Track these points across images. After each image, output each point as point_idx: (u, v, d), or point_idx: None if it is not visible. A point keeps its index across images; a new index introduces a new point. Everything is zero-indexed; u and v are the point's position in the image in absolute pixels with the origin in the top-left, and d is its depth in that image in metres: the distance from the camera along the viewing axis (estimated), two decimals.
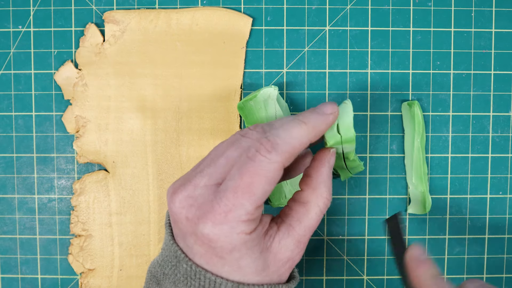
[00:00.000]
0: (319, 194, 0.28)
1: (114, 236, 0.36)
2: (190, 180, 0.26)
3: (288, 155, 0.25)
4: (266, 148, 0.25)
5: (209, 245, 0.24)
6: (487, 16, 0.36)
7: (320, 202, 0.28)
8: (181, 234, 0.26)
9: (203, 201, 0.25)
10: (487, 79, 0.36)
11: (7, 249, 0.37)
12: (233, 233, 0.24)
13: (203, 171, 0.26)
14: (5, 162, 0.36)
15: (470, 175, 0.36)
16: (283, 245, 0.26)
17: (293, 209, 0.27)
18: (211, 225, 0.24)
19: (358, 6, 0.36)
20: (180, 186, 0.26)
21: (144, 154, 0.36)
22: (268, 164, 0.24)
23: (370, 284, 0.37)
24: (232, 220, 0.24)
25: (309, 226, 0.27)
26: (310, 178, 0.28)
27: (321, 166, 0.28)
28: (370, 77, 0.36)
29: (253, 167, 0.24)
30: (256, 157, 0.24)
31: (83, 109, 0.36)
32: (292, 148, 0.25)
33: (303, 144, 0.26)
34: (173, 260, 0.26)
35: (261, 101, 0.32)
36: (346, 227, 0.37)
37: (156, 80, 0.36)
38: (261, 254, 0.25)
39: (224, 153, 0.26)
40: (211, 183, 0.25)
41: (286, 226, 0.27)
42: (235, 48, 0.36)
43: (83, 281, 0.36)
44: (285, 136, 0.25)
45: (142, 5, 0.36)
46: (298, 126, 0.26)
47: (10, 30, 0.36)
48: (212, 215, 0.24)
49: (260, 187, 0.24)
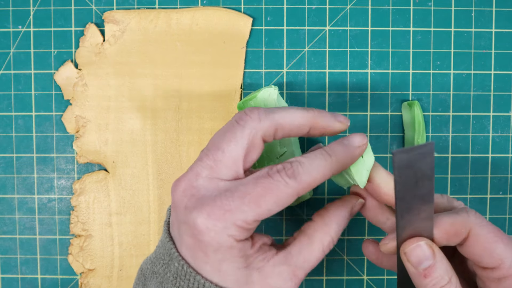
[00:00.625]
0: (327, 231, 0.27)
1: (114, 236, 0.36)
2: (192, 168, 0.26)
3: (307, 186, 0.25)
4: (287, 173, 0.24)
5: (197, 237, 0.24)
6: (487, 16, 0.36)
7: (325, 240, 0.27)
8: (176, 223, 0.26)
9: (205, 193, 0.25)
10: (487, 79, 0.36)
11: (7, 249, 0.37)
12: (223, 232, 0.24)
13: (203, 160, 0.25)
14: (5, 162, 0.36)
15: (470, 175, 0.36)
16: (277, 271, 0.26)
17: (296, 239, 0.27)
18: (205, 217, 0.24)
19: (358, 6, 0.36)
20: (183, 176, 0.26)
21: (144, 154, 0.36)
22: (284, 187, 0.24)
23: (370, 284, 0.37)
24: (228, 220, 0.24)
25: (309, 260, 0.26)
26: (326, 211, 0.28)
27: (343, 208, 0.28)
28: (370, 77, 0.36)
29: (269, 182, 0.24)
30: (276, 176, 0.24)
31: (83, 109, 0.36)
32: (313, 180, 0.25)
33: (325, 177, 0.25)
34: (165, 258, 0.26)
35: (261, 101, 0.32)
36: (346, 227, 0.37)
37: (156, 80, 0.36)
38: (246, 268, 0.25)
39: (220, 145, 0.25)
40: (214, 177, 0.25)
41: (285, 253, 0.26)
42: (235, 48, 0.36)
43: (83, 281, 0.36)
44: (308, 167, 0.25)
45: (142, 5, 0.36)
46: (323, 158, 0.25)
47: (10, 30, 0.36)
48: (211, 208, 0.24)
49: (268, 204, 0.24)
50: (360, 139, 0.27)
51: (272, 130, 0.26)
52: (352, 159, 0.27)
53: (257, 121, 0.25)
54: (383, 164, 0.36)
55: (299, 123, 0.26)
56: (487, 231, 0.25)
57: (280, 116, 0.26)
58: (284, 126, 0.26)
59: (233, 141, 0.25)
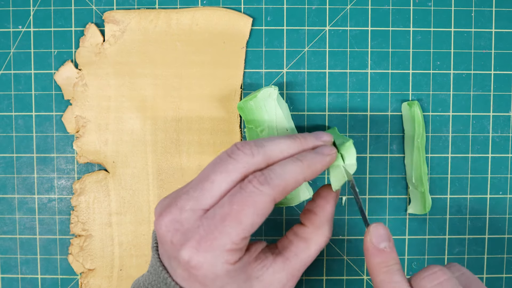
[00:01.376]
0: (321, 233, 0.28)
1: (114, 236, 0.36)
2: (176, 202, 0.25)
3: (281, 190, 0.25)
4: (258, 180, 0.24)
5: (191, 272, 0.24)
6: (487, 16, 0.36)
7: (321, 241, 0.28)
8: (166, 256, 0.26)
9: (188, 226, 0.24)
10: (487, 79, 0.36)
11: (7, 249, 0.37)
12: (217, 262, 0.24)
13: (189, 193, 0.25)
14: (5, 162, 0.36)
15: (470, 175, 0.36)
16: (277, 278, 0.26)
17: (293, 243, 0.27)
18: (194, 252, 0.24)
19: (358, 6, 0.36)
20: (167, 207, 0.25)
21: (144, 154, 0.36)
22: (259, 196, 0.24)
23: (370, 284, 0.37)
24: (217, 248, 0.23)
25: (306, 262, 0.27)
26: (314, 215, 0.28)
27: (326, 203, 0.28)
28: (370, 77, 0.36)
29: (243, 196, 0.24)
30: (248, 188, 0.24)
31: (83, 109, 0.36)
32: (285, 184, 0.25)
33: (297, 181, 0.26)
34: (162, 286, 0.26)
35: (261, 101, 0.32)
36: (346, 227, 0.37)
37: (156, 80, 0.36)
38: (245, 281, 0.25)
39: (210, 176, 0.25)
40: (198, 208, 0.25)
41: (283, 260, 0.27)
42: (235, 48, 0.36)
43: (83, 281, 0.36)
44: (279, 171, 0.25)
45: (142, 5, 0.36)
46: (293, 163, 0.26)
47: (10, 30, 0.36)
48: (197, 242, 0.24)
49: (249, 218, 0.24)
50: (329, 150, 0.28)
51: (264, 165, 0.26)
52: (322, 165, 0.27)
53: (250, 156, 0.25)
54: (383, 163, 0.36)
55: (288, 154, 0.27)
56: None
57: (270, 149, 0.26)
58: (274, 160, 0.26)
59: (224, 173, 0.25)
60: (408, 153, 0.36)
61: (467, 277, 0.26)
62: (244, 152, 0.25)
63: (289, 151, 0.27)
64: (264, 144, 0.26)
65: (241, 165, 0.25)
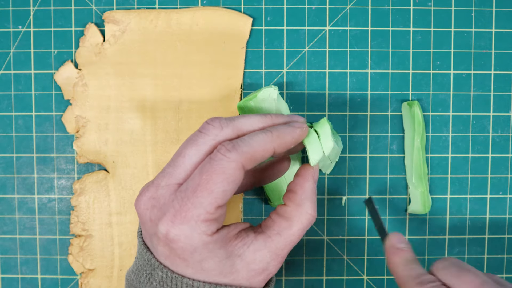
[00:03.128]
0: (303, 210, 0.27)
1: (114, 236, 0.36)
2: (153, 180, 0.26)
3: (249, 156, 0.25)
4: (226, 148, 0.25)
5: (170, 246, 0.24)
6: (487, 16, 0.36)
7: (304, 219, 0.27)
8: (148, 236, 0.26)
9: (164, 201, 0.25)
10: (487, 79, 0.36)
11: (7, 249, 0.37)
12: (193, 233, 0.24)
13: (164, 170, 0.26)
14: (5, 162, 0.36)
15: (470, 175, 0.36)
16: (258, 256, 0.26)
17: (275, 222, 0.27)
18: (170, 225, 0.24)
19: (358, 6, 0.36)
20: (145, 187, 0.26)
21: (144, 154, 0.36)
22: (227, 163, 0.24)
23: (370, 284, 0.37)
24: (191, 219, 0.24)
25: (290, 241, 0.27)
26: (294, 193, 0.28)
27: (305, 181, 0.28)
28: (370, 77, 0.36)
29: (211, 165, 0.24)
30: (216, 156, 0.24)
31: (83, 109, 0.36)
32: (253, 151, 0.25)
33: (266, 150, 0.26)
34: (147, 268, 0.26)
35: (261, 101, 0.32)
36: (346, 227, 0.37)
37: (156, 80, 0.36)
38: (228, 258, 0.25)
39: (182, 151, 0.26)
40: (172, 183, 0.25)
41: (265, 237, 0.27)
42: (235, 48, 0.36)
43: (83, 281, 0.36)
44: (248, 139, 0.25)
45: (142, 5, 0.36)
46: (263, 133, 0.26)
47: (10, 30, 0.36)
48: (172, 215, 0.24)
49: (219, 186, 0.24)
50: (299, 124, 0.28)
51: (234, 136, 0.26)
52: (292, 137, 0.27)
53: (219, 129, 0.26)
54: (383, 163, 0.36)
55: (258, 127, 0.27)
56: None
57: (239, 122, 0.26)
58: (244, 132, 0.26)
59: (194, 147, 0.26)
60: (408, 153, 0.36)
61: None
62: (213, 125, 0.26)
63: (259, 125, 0.27)
64: (234, 119, 0.27)
65: (210, 138, 0.26)
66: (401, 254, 0.28)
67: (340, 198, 0.36)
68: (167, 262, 0.25)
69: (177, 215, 0.24)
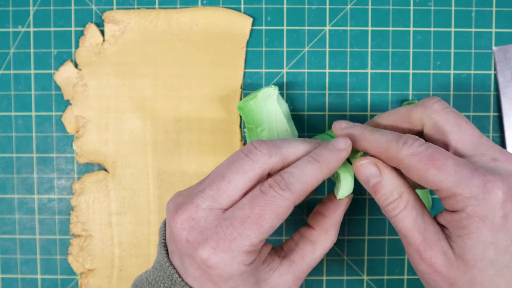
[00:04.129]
0: (328, 236, 0.28)
1: (114, 236, 0.36)
2: (192, 200, 0.25)
3: (302, 193, 0.25)
4: (279, 186, 0.24)
5: (206, 270, 0.24)
6: (487, 16, 0.36)
7: (327, 245, 0.28)
8: (178, 254, 0.26)
9: (205, 225, 0.24)
10: (487, 79, 0.36)
11: (7, 249, 0.37)
12: (233, 262, 0.24)
13: (205, 191, 0.25)
14: (5, 162, 0.36)
15: None
16: (282, 280, 0.26)
17: (299, 246, 0.27)
18: (212, 252, 0.24)
19: (358, 6, 0.36)
20: (182, 205, 0.25)
21: (144, 154, 0.36)
22: (280, 200, 0.24)
23: (370, 284, 0.37)
24: (235, 249, 0.24)
25: (311, 265, 0.27)
26: (324, 218, 0.28)
27: (337, 208, 0.28)
28: (370, 77, 0.36)
29: (264, 200, 0.24)
30: (269, 192, 0.24)
31: (83, 109, 0.36)
32: (305, 187, 0.25)
33: (316, 183, 0.25)
34: (167, 282, 0.26)
35: (261, 101, 0.32)
36: (346, 227, 0.37)
37: (156, 80, 0.36)
38: (255, 284, 0.25)
39: (226, 175, 0.25)
40: (215, 207, 0.25)
41: (289, 262, 0.27)
42: (235, 48, 0.36)
43: (83, 281, 0.36)
44: (299, 175, 0.25)
45: (142, 5, 0.36)
46: (311, 165, 0.25)
47: (9, 30, 0.36)
48: (215, 242, 0.24)
49: (269, 221, 0.24)
50: (343, 143, 0.27)
51: (280, 165, 0.26)
52: (338, 162, 0.26)
53: (268, 156, 0.25)
54: None
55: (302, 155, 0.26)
56: (417, 160, 0.24)
57: (286, 151, 0.26)
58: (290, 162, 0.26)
59: (241, 173, 0.25)
60: None
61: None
62: (262, 151, 0.25)
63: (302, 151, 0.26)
64: (280, 145, 0.26)
65: (258, 165, 0.25)
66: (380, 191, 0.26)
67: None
68: (195, 283, 0.25)
69: (220, 243, 0.24)
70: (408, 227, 0.25)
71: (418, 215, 0.25)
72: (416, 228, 0.25)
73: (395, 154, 0.25)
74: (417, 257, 0.25)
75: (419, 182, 0.25)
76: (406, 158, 0.25)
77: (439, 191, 0.24)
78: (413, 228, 0.25)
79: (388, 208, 0.26)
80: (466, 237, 0.23)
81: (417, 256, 0.25)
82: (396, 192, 0.26)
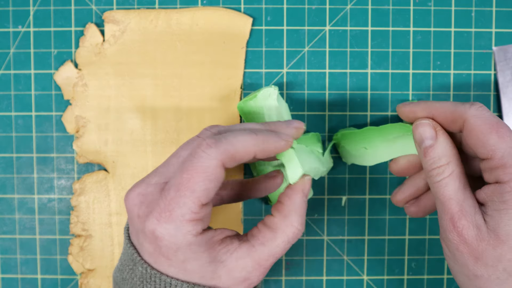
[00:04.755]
0: (289, 222, 0.27)
1: (114, 236, 0.36)
2: (145, 178, 0.26)
3: (230, 154, 0.25)
4: (207, 143, 0.24)
5: (156, 243, 0.24)
6: (487, 16, 0.36)
7: (289, 231, 0.27)
8: (134, 232, 0.26)
9: (152, 198, 0.25)
10: (487, 79, 0.36)
11: (7, 249, 0.37)
12: (178, 232, 0.24)
13: (157, 170, 0.26)
14: (5, 162, 0.36)
15: None
16: (240, 264, 0.26)
17: (261, 232, 0.27)
18: (156, 223, 0.24)
19: (358, 6, 0.36)
20: (135, 184, 0.26)
21: (144, 154, 0.36)
22: (206, 159, 0.24)
23: (370, 284, 0.37)
24: (176, 219, 0.24)
25: (274, 252, 0.26)
26: (282, 204, 0.28)
27: (294, 193, 0.28)
28: (370, 77, 0.36)
29: (192, 163, 0.24)
30: (197, 153, 0.24)
31: (83, 109, 0.36)
32: (234, 149, 0.25)
33: (247, 151, 0.25)
34: (130, 264, 0.26)
35: (261, 101, 0.32)
36: (346, 227, 0.37)
37: (156, 80, 0.36)
38: (210, 263, 0.25)
39: (177, 152, 0.26)
40: (161, 181, 0.25)
41: (248, 246, 0.26)
42: (235, 48, 0.36)
43: (83, 281, 0.36)
44: (229, 137, 0.25)
45: (142, 5, 0.36)
46: (247, 133, 0.26)
47: (9, 30, 0.36)
48: (158, 213, 0.24)
49: (201, 184, 0.24)
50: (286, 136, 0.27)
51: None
52: (275, 146, 0.26)
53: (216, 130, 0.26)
54: (384, 163, 0.36)
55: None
56: (482, 122, 0.25)
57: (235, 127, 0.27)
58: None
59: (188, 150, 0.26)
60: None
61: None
62: (211, 130, 0.26)
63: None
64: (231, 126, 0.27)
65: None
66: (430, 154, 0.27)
67: (340, 198, 0.36)
68: (151, 260, 0.25)
69: (162, 213, 0.24)
70: (448, 195, 0.26)
71: (460, 187, 0.26)
72: (455, 197, 0.26)
73: (461, 113, 0.26)
74: (450, 226, 0.25)
75: (475, 145, 0.26)
76: (473, 117, 0.26)
77: (490, 159, 0.25)
78: (453, 197, 0.26)
79: (433, 172, 0.26)
80: (503, 212, 0.24)
81: (450, 224, 0.25)
82: (445, 159, 0.26)
